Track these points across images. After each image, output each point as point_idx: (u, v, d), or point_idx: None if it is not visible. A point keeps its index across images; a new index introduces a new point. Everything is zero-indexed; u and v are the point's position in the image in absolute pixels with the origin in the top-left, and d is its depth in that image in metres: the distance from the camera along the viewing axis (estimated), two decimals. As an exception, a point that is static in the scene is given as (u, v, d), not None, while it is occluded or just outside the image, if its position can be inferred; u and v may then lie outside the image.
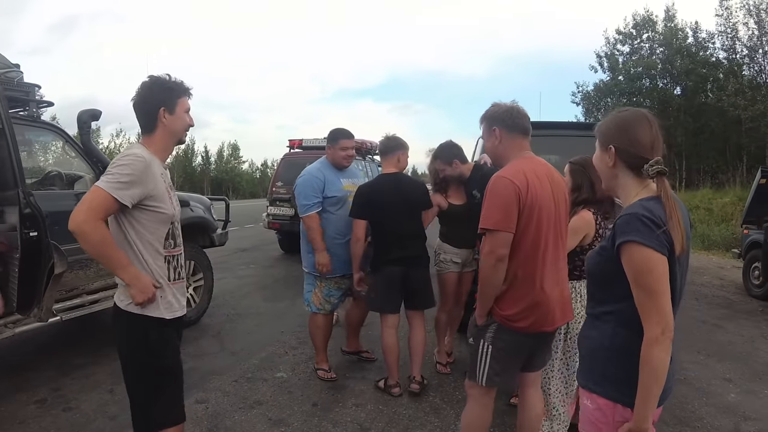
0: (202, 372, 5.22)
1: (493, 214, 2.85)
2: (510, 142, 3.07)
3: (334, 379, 5.08)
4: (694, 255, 15.67)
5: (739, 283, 10.70)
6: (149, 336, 2.67)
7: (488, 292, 2.95)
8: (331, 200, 4.84)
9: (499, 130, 3.05)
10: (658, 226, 1.82)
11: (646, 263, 1.81)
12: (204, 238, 7.33)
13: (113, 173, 2.50)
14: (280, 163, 13.05)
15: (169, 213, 2.72)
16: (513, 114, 3.08)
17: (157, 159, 2.73)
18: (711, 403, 4.86)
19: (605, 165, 2.05)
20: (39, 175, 5.78)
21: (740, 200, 17.78)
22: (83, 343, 5.97)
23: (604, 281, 1.97)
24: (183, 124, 2.81)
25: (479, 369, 3.05)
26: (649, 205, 1.88)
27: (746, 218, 10.77)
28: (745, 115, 25.31)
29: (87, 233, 2.42)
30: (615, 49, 34.75)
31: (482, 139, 3.31)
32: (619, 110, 2.12)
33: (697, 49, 31.41)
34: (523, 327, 2.96)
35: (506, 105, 3.13)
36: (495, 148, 3.12)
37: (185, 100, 2.81)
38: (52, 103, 5.85)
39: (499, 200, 2.86)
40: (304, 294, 5.16)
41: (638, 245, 1.80)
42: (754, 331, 7.44)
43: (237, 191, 72.52)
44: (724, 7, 28.69)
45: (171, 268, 2.78)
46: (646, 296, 1.82)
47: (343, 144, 4.93)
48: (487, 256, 2.87)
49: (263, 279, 10.14)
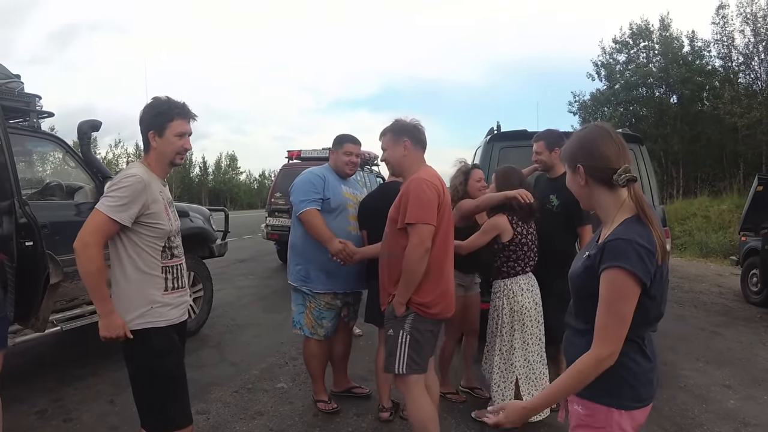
0: (203, 383, 5.22)
1: (419, 210, 3.23)
2: (414, 154, 3.53)
3: (336, 409, 4.65)
4: (693, 262, 15.75)
5: (737, 290, 10.70)
6: (152, 340, 2.78)
7: (413, 281, 3.27)
8: (330, 203, 4.38)
9: (408, 142, 3.50)
10: (651, 254, 1.83)
11: (625, 291, 1.82)
12: (203, 249, 7.33)
13: (112, 196, 2.65)
14: (279, 173, 13.10)
15: (166, 229, 2.83)
16: (419, 129, 3.58)
17: (155, 176, 2.86)
18: (711, 409, 4.86)
19: (578, 185, 2.05)
20: (39, 185, 5.80)
21: (738, 207, 17.83)
22: (84, 354, 5.97)
23: (588, 297, 1.97)
24: (172, 148, 2.87)
25: (398, 359, 3.36)
26: (642, 233, 1.87)
27: (744, 225, 10.77)
28: (742, 123, 25.35)
29: (89, 257, 2.60)
30: (612, 58, 34.86)
31: (384, 149, 3.59)
32: (578, 130, 2.15)
33: (694, 58, 31.53)
34: (435, 313, 3.38)
35: (411, 121, 3.60)
36: (402, 158, 3.52)
37: (178, 124, 2.86)
38: (53, 114, 5.87)
39: (424, 198, 3.25)
40: (294, 315, 4.64)
41: (626, 273, 1.81)
42: (752, 338, 7.45)
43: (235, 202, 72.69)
44: (720, 15, 28.87)
45: (170, 278, 2.87)
46: (612, 320, 1.84)
47: (347, 148, 4.54)
48: (417, 248, 3.21)
49: (262, 290, 10.15)
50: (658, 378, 2.03)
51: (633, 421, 1.95)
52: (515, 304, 4.16)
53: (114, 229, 2.66)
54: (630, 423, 1.94)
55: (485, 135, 6.88)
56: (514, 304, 4.16)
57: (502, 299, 4.23)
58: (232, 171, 79.54)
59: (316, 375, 4.72)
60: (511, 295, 4.19)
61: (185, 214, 6.67)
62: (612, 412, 1.93)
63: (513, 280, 4.22)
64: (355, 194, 4.69)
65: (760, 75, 27.39)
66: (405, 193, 3.32)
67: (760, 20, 26.65)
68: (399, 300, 3.33)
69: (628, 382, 1.91)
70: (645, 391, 1.96)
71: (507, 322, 4.20)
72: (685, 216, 21.13)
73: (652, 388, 1.98)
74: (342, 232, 4.38)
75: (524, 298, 4.18)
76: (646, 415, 2.02)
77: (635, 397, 1.94)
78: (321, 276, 4.42)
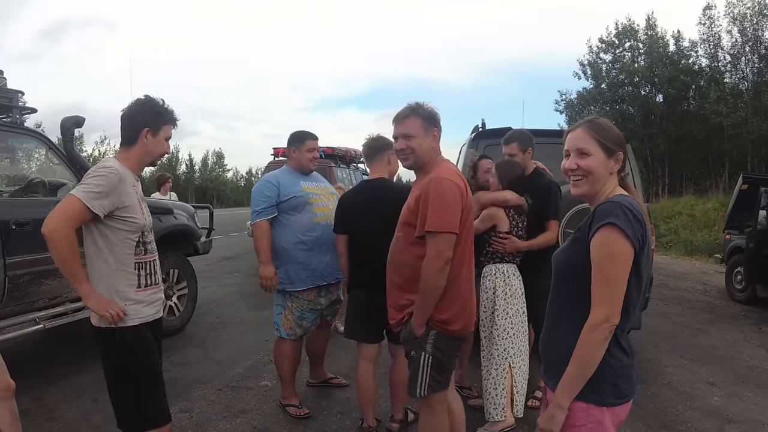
0: (187, 381, 5.19)
1: (441, 217, 2.82)
2: (438, 148, 3.17)
3: (308, 415, 4.49)
4: (678, 260, 15.84)
5: (722, 288, 10.79)
6: (126, 338, 2.76)
7: (433, 298, 2.89)
8: (289, 203, 4.37)
9: (438, 133, 3.13)
10: (639, 220, 1.87)
11: (615, 248, 1.85)
12: (188, 246, 7.28)
13: (88, 183, 2.65)
14: (265, 171, 13.07)
15: (140, 223, 2.83)
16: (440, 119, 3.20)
17: (129, 172, 2.86)
18: (695, 406, 4.89)
19: (607, 170, 2.05)
20: (22, 182, 5.74)
21: (723, 206, 17.93)
22: (66, 352, 5.92)
23: (574, 276, 1.98)
24: (160, 149, 2.96)
25: (420, 381, 3.01)
26: (631, 200, 1.94)
27: (728, 224, 10.88)
28: (727, 122, 25.62)
29: (59, 240, 2.57)
30: (598, 57, 35.00)
31: (408, 135, 3.05)
32: (601, 118, 2.18)
33: (679, 57, 31.73)
34: (458, 329, 3.02)
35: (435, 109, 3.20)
36: (431, 150, 3.09)
37: (169, 128, 2.96)
38: (35, 110, 5.80)
39: (447, 202, 2.85)
40: (274, 316, 4.59)
41: (616, 229, 1.84)
42: (737, 335, 7.51)
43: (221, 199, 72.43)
44: (707, 16, 29.08)
45: (143, 274, 2.87)
46: (603, 283, 1.86)
47: (310, 145, 4.55)
48: (436, 260, 2.82)
49: (247, 287, 10.09)
50: (636, 373, 2.03)
51: (615, 417, 1.95)
52: (507, 286, 4.17)
53: (86, 217, 2.64)
54: (611, 419, 1.94)
55: (470, 132, 6.90)
56: (506, 286, 4.18)
57: (494, 281, 4.21)
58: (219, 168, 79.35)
59: (288, 378, 4.61)
60: (503, 278, 4.20)
61: (169, 211, 6.63)
62: (592, 408, 1.93)
63: (505, 265, 4.25)
64: (319, 186, 4.66)
65: (747, 75, 27.59)
66: (424, 194, 2.89)
67: (747, 21, 26.85)
68: (417, 321, 2.96)
69: (609, 379, 1.91)
70: (626, 387, 1.96)
71: (500, 305, 4.15)
72: (671, 214, 21.26)
73: (632, 384, 1.98)
74: (309, 226, 4.38)
75: (515, 282, 4.22)
76: (627, 411, 2.02)
77: (616, 393, 1.93)
78: (300, 273, 4.38)
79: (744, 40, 27.13)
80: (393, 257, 3.18)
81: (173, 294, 6.80)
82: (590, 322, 1.86)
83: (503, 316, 4.13)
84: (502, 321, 4.13)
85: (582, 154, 2.04)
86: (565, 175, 2.14)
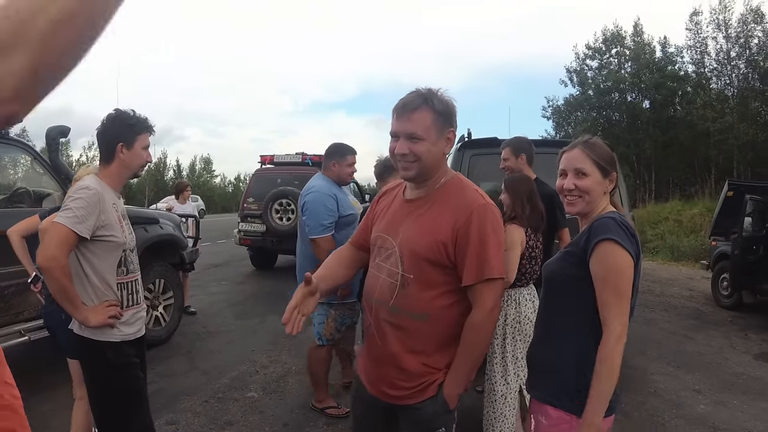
0: (173, 392, 5.16)
1: (500, 257, 2.14)
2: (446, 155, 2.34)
3: (348, 414, 4.50)
4: (664, 266, 15.91)
5: (708, 294, 10.86)
6: (107, 353, 2.76)
7: (481, 359, 2.23)
8: (347, 219, 4.50)
9: (453, 134, 2.24)
10: (633, 236, 1.94)
11: (620, 263, 1.90)
12: (174, 256, 7.25)
13: (70, 207, 2.64)
14: (252, 178, 13.12)
15: (120, 241, 2.81)
16: None
17: (109, 189, 2.84)
18: (681, 414, 4.91)
19: (602, 189, 2.12)
20: (7, 191, 5.71)
21: (709, 211, 18.05)
22: (52, 364, 5.87)
23: (567, 288, 2.02)
24: (139, 161, 2.92)
25: None
26: (623, 217, 2.01)
27: (714, 230, 10.99)
28: (714, 128, 25.79)
29: (57, 270, 2.56)
30: (584, 64, 35.19)
31: (415, 137, 2.11)
32: (596, 138, 2.22)
33: (666, 63, 31.95)
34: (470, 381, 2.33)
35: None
36: (442, 158, 2.25)
37: (145, 137, 2.92)
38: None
39: (501, 238, 2.19)
40: (315, 327, 4.59)
41: (616, 245, 1.89)
42: (723, 341, 7.55)
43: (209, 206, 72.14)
44: (693, 22, 29.32)
45: (125, 294, 2.87)
46: (613, 296, 1.89)
47: (351, 160, 4.70)
48: (494, 313, 2.13)
49: (234, 296, 10.06)
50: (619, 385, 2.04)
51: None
52: (518, 314, 4.01)
53: (75, 242, 2.63)
54: None
55: (456, 142, 6.89)
56: (516, 314, 4.00)
57: (505, 309, 4.01)
58: (206, 174, 79.15)
59: (324, 381, 4.75)
60: (515, 305, 4.01)
61: (155, 221, 6.60)
62: (575, 421, 1.94)
63: (517, 291, 4.03)
64: (355, 200, 4.80)
65: (733, 81, 27.81)
66: (471, 227, 2.10)
67: (732, 27, 27.11)
68: (456, 390, 2.16)
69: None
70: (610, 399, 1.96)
71: (510, 333, 4.01)
72: (657, 220, 21.36)
73: (615, 395, 1.99)
74: None
75: (527, 308, 4.03)
76: (610, 423, 2.03)
77: None
78: (354, 286, 4.40)
79: (730, 46, 27.36)
80: (400, 303, 2.19)
81: (159, 304, 6.75)
82: (611, 335, 1.89)
83: (512, 342, 4.00)
84: (512, 348, 3.99)
85: (580, 174, 2.09)
86: (560, 192, 2.19)
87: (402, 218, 2.27)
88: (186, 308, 8.02)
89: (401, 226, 2.24)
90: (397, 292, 2.18)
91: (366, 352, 2.40)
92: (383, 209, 2.45)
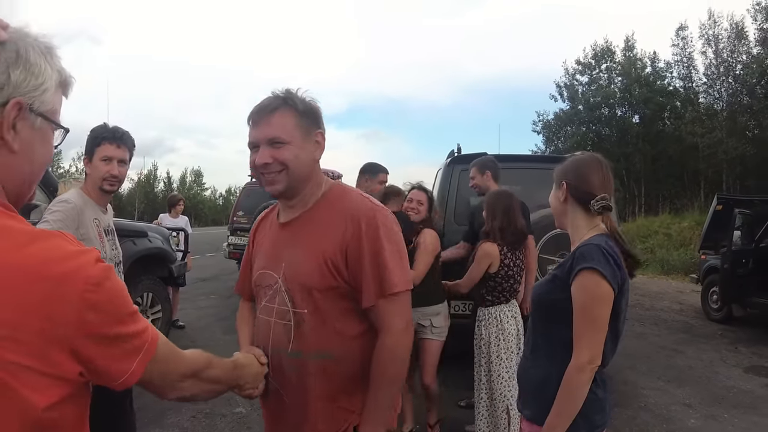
0: (160, 408, 5.08)
1: (404, 267, 1.88)
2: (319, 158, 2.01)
3: None
4: (654, 280, 15.92)
5: (698, 307, 10.86)
6: None
7: (399, 388, 1.93)
8: None
9: (322, 136, 1.95)
10: (617, 264, 1.91)
11: (597, 292, 1.88)
12: (162, 269, 7.19)
13: (47, 220, 2.62)
14: (242, 192, 13.09)
15: None
16: None
17: (93, 203, 2.82)
18: (671, 429, 4.88)
19: (558, 200, 2.15)
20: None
21: (698, 225, 18.11)
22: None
23: (553, 311, 2.02)
24: (98, 174, 2.81)
25: None
26: (609, 242, 1.98)
27: (703, 244, 11.01)
28: (703, 142, 25.94)
29: None
30: (574, 79, 35.38)
31: (287, 141, 1.79)
32: (576, 153, 2.28)
33: (655, 78, 32.18)
34: None
35: None
36: (313, 163, 1.92)
37: (105, 147, 2.80)
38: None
39: (401, 245, 1.92)
40: None
41: (596, 274, 1.87)
42: (713, 355, 7.54)
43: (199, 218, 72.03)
44: (680, 37, 29.56)
45: None
46: (586, 324, 1.89)
47: (381, 178, 4.86)
48: (405, 333, 1.83)
49: (223, 310, 9.99)
50: (609, 402, 2.04)
51: None
52: (500, 332, 4.00)
53: None
54: None
55: (446, 158, 6.86)
56: (499, 332, 4.00)
57: (488, 329, 4.03)
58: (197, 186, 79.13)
59: None
60: (497, 323, 4.01)
61: (143, 234, 6.56)
62: None
63: (498, 308, 4.05)
64: None
65: (722, 95, 27.99)
66: (367, 238, 1.79)
67: (721, 42, 27.32)
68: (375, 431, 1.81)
69: (582, 412, 1.91)
70: (599, 418, 1.98)
71: (494, 351, 4.00)
72: (647, 233, 21.44)
73: (605, 415, 2.00)
74: None
75: (509, 325, 4.04)
76: None
77: (589, 426, 1.94)
78: None
79: (719, 61, 27.56)
80: (300, 346, 1.84)
81: (147, 318, 6.68)
82: (574, 364, 1.88)
83: (497, 362, 3.98)
84: (497, 367, 3.97)
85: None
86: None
87: (282, 247, 1.93)
88: (174, 322, 7.95)
89: (282, 256, 1.91)
90: (293, 334, 1.84)
91: (270, 415, 2.09)
92: (260, 244, 2.10)
